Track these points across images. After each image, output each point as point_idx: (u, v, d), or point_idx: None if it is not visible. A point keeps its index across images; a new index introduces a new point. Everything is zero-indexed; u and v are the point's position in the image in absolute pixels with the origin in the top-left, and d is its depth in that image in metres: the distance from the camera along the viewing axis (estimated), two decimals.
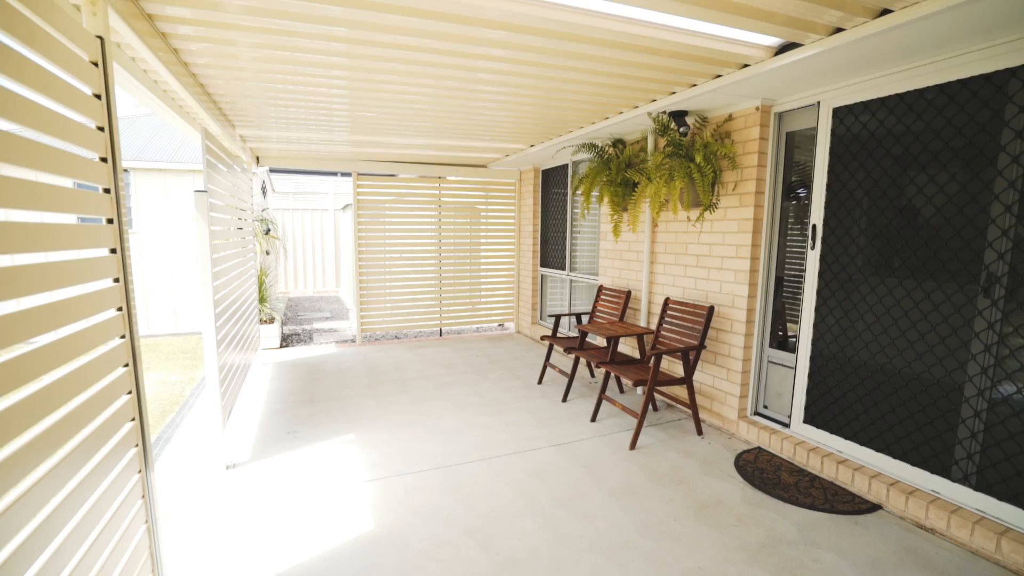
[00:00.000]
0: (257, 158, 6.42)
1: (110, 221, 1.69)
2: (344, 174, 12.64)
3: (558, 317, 5.25)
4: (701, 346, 3.86)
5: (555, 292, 7.16)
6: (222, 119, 4.21)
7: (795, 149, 3.67)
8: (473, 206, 7.57)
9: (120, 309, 1.73)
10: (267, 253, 7.31)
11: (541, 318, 7.51)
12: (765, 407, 3.90)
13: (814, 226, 3.38)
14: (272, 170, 11.42)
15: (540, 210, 7.33)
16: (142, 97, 2.96)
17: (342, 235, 11.78)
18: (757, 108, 3.62)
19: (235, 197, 4.78)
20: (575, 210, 6.45)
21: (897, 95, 2.87)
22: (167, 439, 3.91)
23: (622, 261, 5.22)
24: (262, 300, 6.81)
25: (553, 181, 6.98)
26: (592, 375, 5.52)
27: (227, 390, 3.62)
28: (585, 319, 5.40)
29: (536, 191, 7.28)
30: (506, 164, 7.09)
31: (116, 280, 1.72)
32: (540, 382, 5.27)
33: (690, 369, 3.86)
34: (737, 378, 3.90)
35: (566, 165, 6.52)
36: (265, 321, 6.82)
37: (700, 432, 3.95)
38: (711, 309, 3.87)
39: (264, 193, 7.61)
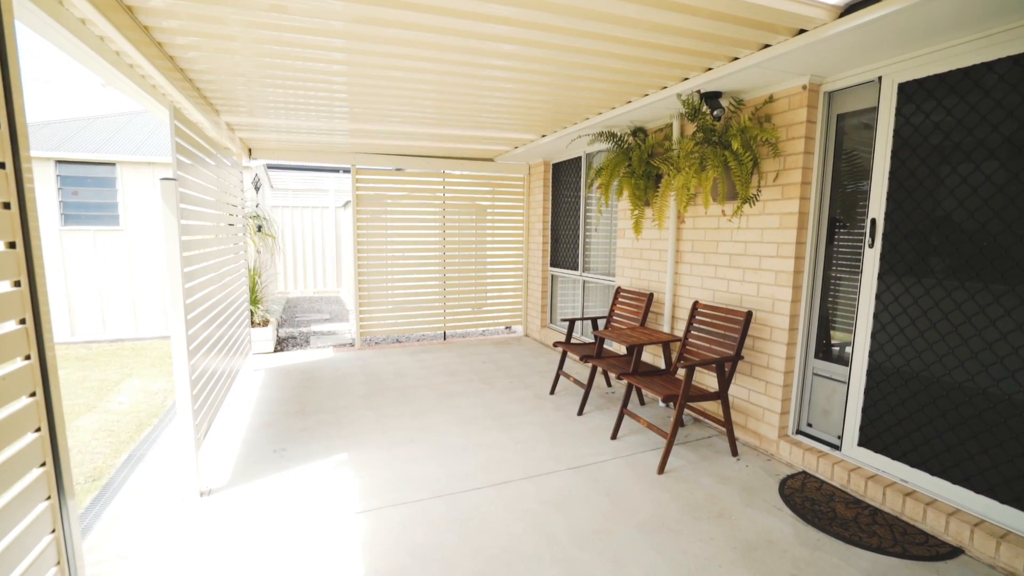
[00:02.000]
0: (249, 150, 6.02)
1: (6, 206, 1.28)
2: (345, 170, 12.27)
3: (572, 322, 4.82)
4: (738, 356, 3.42)
5: (566, 294, 6.73)
6: (202, 103, 3.80)
7: (844, 134, 3.22)
8: (479, 202, 7.15)
9: (23, 322, 1.32)
10: (258, 252, 6.92)
11: (551, 321, 7.08)
12: (809, 425, 3.46)
13: (873, 220, 2.94)
14: (270, 166, 11.04)
15: (551, 206, 6.90)
16: (95, 67, 2.55)
17: (343, 233, 11.40)
18: (804, 87, 3.18)
19: (222, 190, 4.38)
20: (589, 206, 6.02)
21: (984, 64, 2.42)
22: (139, 458, 3.51)
23: (642, 261, 4.79)
24: (255, 302, 6.41)
25: (565, 175, 6.55)
26: (608, 384, 5.09)
27: (204, 405, 3.22)
28: (601, 324, 4.97)
29: (546, 186, 6.86)
30: (514, 157, 6.67)
31: (16, 284, 1.30)
32: (552, 392, 4.84)
33: (725, 382, 3.43)
34: (777, 392, 3.46)
35: (579, 158, 6.09)
36: (258, 324, 6.43)
37: (735, 453, 3.51)
38: (749, 315, 3.43)
39: (257, 188, 7.21)
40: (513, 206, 7.27)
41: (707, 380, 4.02)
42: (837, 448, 3.21)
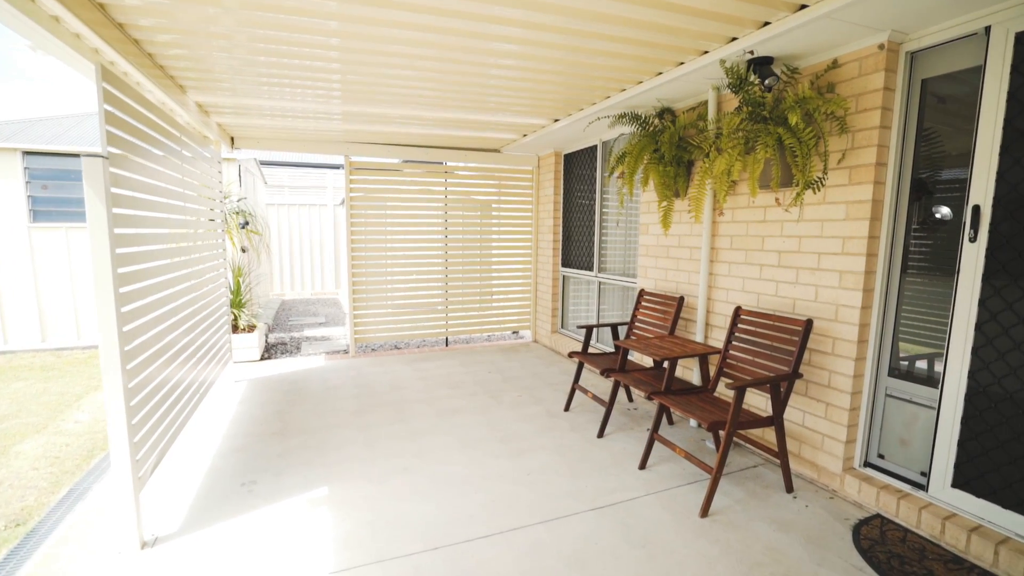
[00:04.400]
0: (232, 139, 5.49)
1: None
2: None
3: (589, 329, 4.25)
4: (795, 374, 2.84)
5: (579, 296, 6.16)
6: (157, 73, 3.26)
7: (927, 103, 2.64)
8: (484, 197, 6.59)
9: None
10: (243, 251, 6.38)
11: (563, 326, 6.51)
12: (880, 457, 2.88)
13: (976, 208, 2.35)
14: (264, 162, 10.52)
15: (562, 201, 6.33)
16: (10, 20, 2.01)
17: (342, 232, 10.88)
18: (881, 46, 2.61)
19: (197, 181, 3.85)
20: (605, 200, 5.45)
21: None
22: (80, 494, 2.97)
23: (669, 260, 4.21)
24: (239, 305, 5.88)
25: (577, 167, 5.98)
26: (630, 399, 4.51)
27: (152, 434, 2.68)
28: (622, 331, 4.40)
29: (557, 179, 6.29)
30: (522, 147, 6.11)
31: None
32: (567, 409, 4.27)
33: (780, 405, 2.85)
34: (843, 416, 2.88)
35: (594, 146, 5.52)
36: (243, 329, 5.89)
37: (790, 488, 2.94)
38: (809, 324, 2.85)
39: (240, 180, 6.69)
40: (521, 201, 6.70)
41: (752, 399, 3.44)
42: (922, 488, 2.63)
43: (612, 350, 5.08)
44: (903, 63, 2.63)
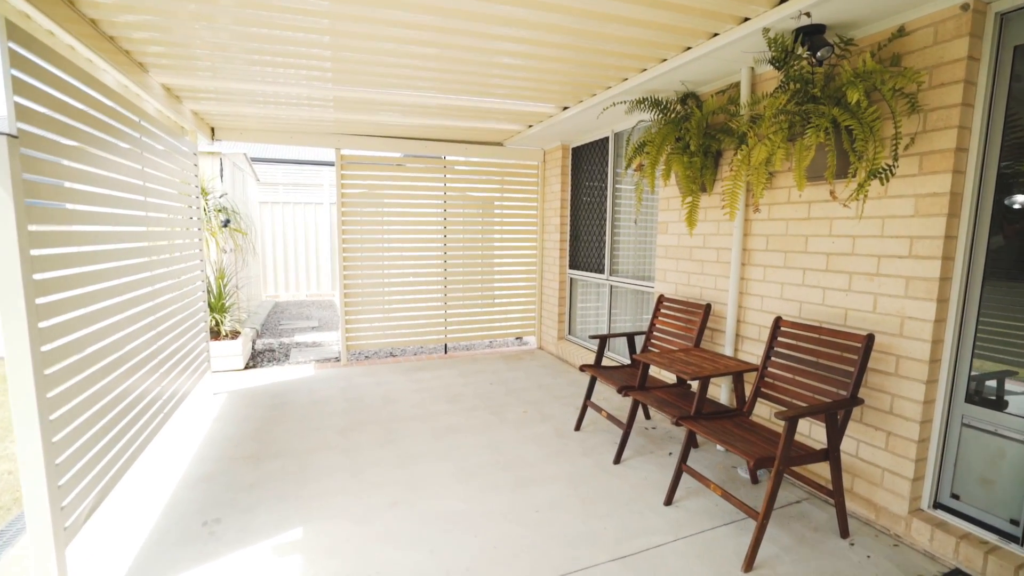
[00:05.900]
0: (212, 129, 5.06)
1: None
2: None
3: (603, 340, 3.81)
4: (854, 399, 2.40)
5: (589, 300, 5.72)
6: (109, 50, 2.82)
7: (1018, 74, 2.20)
8: (486, 194, 6.15)
9: None
10: (225, 252, 5.96)
11: (570, 332, 6.06)
12: (955, 497, 2.43)
13: None
14: (256, 159, 10.10)
15: (570, 198, 5.89)
16: None
17: (337, 231, 10.45)
18: (965, 6, 2.16)
19: (154, 171, 3.43)
20: (617, 196, 5.01)
21: None
22: (10, 538, 2.53)
23: (692, 262, 3.77)
24: (221, 309, 5.45)
25: (586, 161, 5.54)
26: (648, 416, 4.07)
27: (90, 469, 2.25)
28: (639, 341, 3.94)
29: (564, 174, 5.84)
30: (527, 140, 5.66)
31: None
32: (578, 428, 3.83)
33: (837, 436, 2.40)
34: (909, 449, 2.43)
35: (605, 138, 5.08)
36: (226, 335, 5.46)
37: (845, 533, 2.49)
38: (870, 339, 2.41)
39: (222, 175, 6.27)
40: (525, 198, 6.26)
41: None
42: (1015, 540, 2.18)
43: (627, 361, 4.65)
44: (991, 27, 2.18)
